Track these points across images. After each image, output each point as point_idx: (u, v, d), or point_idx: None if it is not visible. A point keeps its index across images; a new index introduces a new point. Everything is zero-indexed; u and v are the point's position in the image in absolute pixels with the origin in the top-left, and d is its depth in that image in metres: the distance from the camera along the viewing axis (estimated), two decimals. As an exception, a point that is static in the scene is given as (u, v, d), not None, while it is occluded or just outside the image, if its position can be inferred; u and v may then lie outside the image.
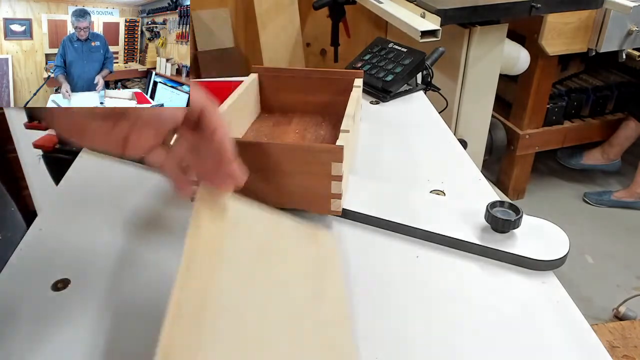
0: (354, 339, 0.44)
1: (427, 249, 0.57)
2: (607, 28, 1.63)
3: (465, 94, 1.51)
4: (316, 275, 0.48)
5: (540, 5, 1.34)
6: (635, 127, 2.09)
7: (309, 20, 2.26)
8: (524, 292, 0.51)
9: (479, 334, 0.46)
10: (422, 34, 1.24)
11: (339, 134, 0.59)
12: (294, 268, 0.47)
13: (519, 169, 2.12)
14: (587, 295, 1.68)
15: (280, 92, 0.81)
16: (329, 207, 0.59)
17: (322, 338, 0.42)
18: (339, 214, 0.60)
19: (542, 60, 1.82)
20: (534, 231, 0.56)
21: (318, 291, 0.46)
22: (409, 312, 0.49)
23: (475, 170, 0.72)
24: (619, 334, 1.14)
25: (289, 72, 0.81)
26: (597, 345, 0.45)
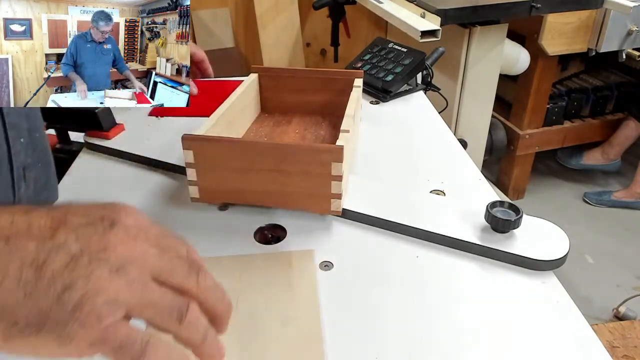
0: (325, 355, 0.44)
1: (427, 249, 0.57)
2: (607, 28, 1.63)
3: (465, 94, 1.51)
4: (287, 299, 0.50)
5: (540, 5, 1.34)
6: (635, 127, 2.09)
7: (309, 20, 2.26)
8: (524, 292, 0.51)
9: (479, 334, 0.46)
10: (422, 34, 1.24)
11: (339, 134, 0.59)
12: (263, 301, 0.49)
13: (519, 169, 2.12)
14: (587, 295, 1.68)
15: (280, 92, 0.81)
16: (329, 207, 0.59)
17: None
18: (339, 214, 0.60)
19: (542, 60, 1.82)
20: (534, 231, 0.56)
21: (288, 315, 0.48)
22: (409, 312, 0.49)
23: (475, 170, 0.72)
24: (619, 334, 1.14)
25: (289, 72, 0.81)
26: (597, 345, 0.45)
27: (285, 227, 0.60)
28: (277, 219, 0.62)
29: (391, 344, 0.46)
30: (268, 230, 0.60)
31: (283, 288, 0.51)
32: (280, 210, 0.63)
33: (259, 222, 0.61)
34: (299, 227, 0.60)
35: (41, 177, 0.54)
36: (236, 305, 0.49)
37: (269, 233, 0.60)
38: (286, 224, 0.61)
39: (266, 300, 0.50)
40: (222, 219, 0.62)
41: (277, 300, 0.49)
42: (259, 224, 0.61)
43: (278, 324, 0.47)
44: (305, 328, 0.46)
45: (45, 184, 0.56)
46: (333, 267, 0.55)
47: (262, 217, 0.62)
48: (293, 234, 0.59)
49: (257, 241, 0.59)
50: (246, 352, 0.44)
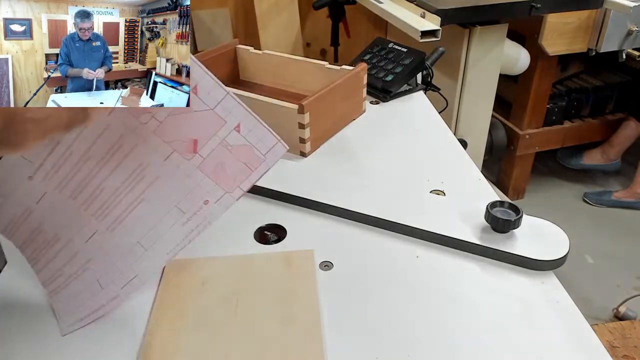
0: (325, 356, 0.44)
1: (427, 249, 0.57)
2: (607, 28, 1.63)
3: (465, 94, 1.51)
4: (286, 300, 0.50)
5: (540, 5, 1.34)
6: (635, 127, 2.09)
7: (309, 20, 2.26)
8: (524, 292, 0.51)
9: (479, 334, 0.46)
10: (422, 34, 1.23)
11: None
12: (262, 302, 0.50)
13: (519, 169, 2.11)
14: (587, 295, 1.68)
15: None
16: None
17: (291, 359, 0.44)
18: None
19: (542, 60, 1.82)
20: (534, 231, 0.56)
21: (287, 315, 0.48)
22: (409, 312, 0.49)
23: (475, 170, 0.72)
24: (619, 334, 1.14)
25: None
26: (597, 345, 0.45)
27: (285, 227, 0.60)
28: (277, 219, 0.62)
29: (391, 344, 0.46)
30: (268, 230, 0.60)
31: (283, 288, 0.51)
32: (280, 210, 0.63)
33: (259, 222, 0.61)
34: (299, 227, 0.60)
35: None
36: (236, 305, 0.49)
37: (269, 233, 0.60)
38: (286, 224, 0.61)
39: (266, 300, 0.50)
40: (222, 219, 0.62)
41: (277, 300, 0.49)
42: (259, 224, 0.61)
43: (278, 324, 0.47)
44: (305, 328, 0.46)
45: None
46: (333, 267, 0.55)
47: (262, 217, 0.62)
48: (293, 234, 0.59)
49: (257, 241, 0.59)
50: (246, 352, 0.44)
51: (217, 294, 0.51)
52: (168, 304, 0.49)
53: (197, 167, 0.46)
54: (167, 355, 0.44)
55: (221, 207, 0.47)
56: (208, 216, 0.47)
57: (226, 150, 0.45)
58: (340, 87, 0.79)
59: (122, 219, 0.47)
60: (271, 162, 0.46)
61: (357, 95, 0.85)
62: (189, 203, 0.47)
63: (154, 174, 0.46)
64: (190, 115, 0.44)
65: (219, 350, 0.45)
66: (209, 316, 0.48)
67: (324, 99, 0.76)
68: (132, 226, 0.47)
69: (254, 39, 2.13)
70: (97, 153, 0.46)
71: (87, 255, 0.49)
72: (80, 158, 0.47)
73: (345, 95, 0.81)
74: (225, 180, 0.46)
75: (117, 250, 0.48)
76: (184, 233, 0.47)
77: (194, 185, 0.46)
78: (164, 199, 0.47)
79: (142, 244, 0.48)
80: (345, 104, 0.82)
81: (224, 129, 0.45)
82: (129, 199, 0.47)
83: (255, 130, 0.45)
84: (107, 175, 0.47)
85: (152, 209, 0.47)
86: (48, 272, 0.51)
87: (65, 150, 0.47)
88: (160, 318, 0.48)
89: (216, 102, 0.44)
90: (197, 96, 0.43)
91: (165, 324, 0.47)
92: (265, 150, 0.46)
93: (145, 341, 0.46)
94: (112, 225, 0.48)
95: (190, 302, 0.50)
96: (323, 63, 0.86)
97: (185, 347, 0.45)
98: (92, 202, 0.48)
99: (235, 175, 0.46)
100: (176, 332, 0.47)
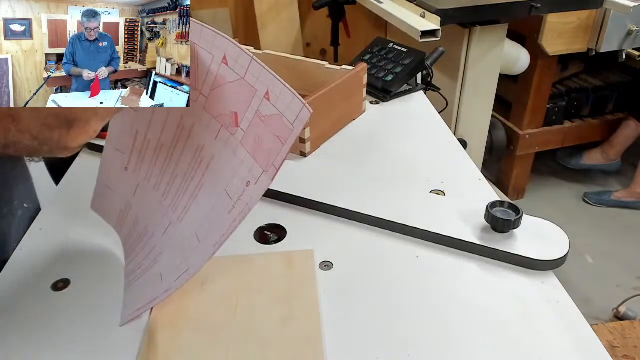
0: (325, 356, 0.44)
1: (427, 249, 0.57)
2: (607, 28, 1.63)
3: (465, 94, 1.51)
4: (287, 299, 0.50)
5: (540, 5, 1.34)
6: (635, 127, 2.09)
7: (309, 20, 2.26)
8: (524, 292, 0.51)
9: (479, 334, 0.46)
10: (422, 34, 1.23)
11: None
12: (263, 300, 0.50)
13: (519, 169, 2.11)
14: (587, 295, 1.68)
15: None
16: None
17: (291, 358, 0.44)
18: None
19: (542, 60, 1.82)
20: (534, 231, 0.56)
21: (287, 315, 0.48)
22: (409, 312, 0.49)
23: (475, 170, 0.72)
24: (619, 334, 1.14)
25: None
26: (597, 345, 0.45)
27: (285, 227, 0.60)
28: (277, 219, 0.62)
29: (391, 344, 0.46)
30: (268, 230, 0.60)
31: (283, 288, 0.51)
32: (280, 210, 0.63)
33: (259, 222, 0.61)
34: (299, 227, 0.60)
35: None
36: (236, 305, 0.49)
37: (269, 233, 0.60)
38: (286, 224, 0.61)
39: (266, 300, 0.50)
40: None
41: (277, 300, 0.50)
42: (259, 223, 0.61)
43: (278, 324, 0.47)
44: (305, 328, 0.46)
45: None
46: (333, 267, 0.55)
47: (262, 217, 0.62)
48: (293, 234, 0.59)
49: (257, 241, 0.59)
50: (246, 352, 0.44)
51: (217, 294, 0.51)
52: (168, 304, 0.49)
53: (240, 143, 0.42)
54: (167, 355, 0.44)
55: (259, 190, 0.43)
56: (249, 201, 0.43)
57: (261, 122, 0.42)
58: (340, 87, 0.79)
59: (189, 208, 0.45)
60: (298, 130, 0.41)
61: (357, 95, 0.85)
62: (235, 186, 0.43)
63: (209, 155, 0.43)
64: (229, 87, 0.41)
65: (219, 350, 0.45)
66: (209, 316, 0.48)
67: (324, 99, 0.76)
68: (195, 216, 0.45)
69: (254, 39, 2.13)
70: (167, 139, 0.45)
71: (161, 247, 0.48)
72: (156, 146, 0.46)
73: (345, 95, 0.82)
74: (262, 156, 0.42)
75: (180, 242, 0.46)
76: (229, 221, 0.44)
77: (238, 164, 0.42)
78: (217, 182, 0.43)
79: (197, 235, 0.45)
80: (345, 104, 0.82)
81: (256, 99, 0.41)
82: (192, 186, 0.44)
83: (283, 96, 0.41)
84: (177, 160, 0.44)
85: (208, 196, 0.44)
86: (131, 265, 0.51)
87: (144, 139, 0.46)
88: (160, 318, 0.48)
89: (245, 69, 0.41)
90: (227, 66, 0.40)
91: (166, 324, 0.47)
92: (293, 117, 0.41)
93: (145, 341, 0.46)
94: (181, 215, 0.45)
95: (190, 302, 0.50)
96: (323, 63, 0.86)
97: (185, 347, 0.45)
98: (169, 192, 0.46)
99: (270, 150, 0.42)
100: (176, 332, 0.47)
